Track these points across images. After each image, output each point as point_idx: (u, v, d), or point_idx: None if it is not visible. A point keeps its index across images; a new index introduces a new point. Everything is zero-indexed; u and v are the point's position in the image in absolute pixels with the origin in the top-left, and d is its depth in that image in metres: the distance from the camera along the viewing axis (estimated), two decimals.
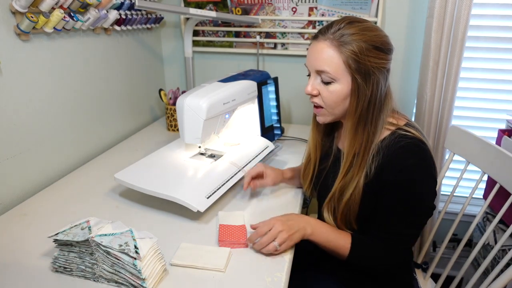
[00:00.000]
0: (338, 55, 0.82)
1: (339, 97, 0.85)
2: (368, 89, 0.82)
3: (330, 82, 0.85)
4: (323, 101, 0.88)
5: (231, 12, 1.64)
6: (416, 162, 0.82)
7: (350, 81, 0.83)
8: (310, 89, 0.88)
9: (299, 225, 0.88)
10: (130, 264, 0.71)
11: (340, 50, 0.81)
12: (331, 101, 0.87)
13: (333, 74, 0.83)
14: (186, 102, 1.05)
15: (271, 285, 0.76)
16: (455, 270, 1.23)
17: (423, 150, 0.83)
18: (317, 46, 0.85)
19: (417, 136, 0.84)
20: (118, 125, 1.51)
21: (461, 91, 1.57)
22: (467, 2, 1.33)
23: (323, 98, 0.87)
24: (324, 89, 0.86)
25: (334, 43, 0.82)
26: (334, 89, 0.85)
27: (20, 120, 1.05)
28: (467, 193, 1.22)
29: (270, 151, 1.28)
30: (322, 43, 0.84)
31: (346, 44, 0.81)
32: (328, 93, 0.86)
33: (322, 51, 0.83)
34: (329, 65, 0.83)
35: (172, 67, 1.84)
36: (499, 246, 1.02)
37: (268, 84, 1.37)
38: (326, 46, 0.83)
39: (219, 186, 1.02)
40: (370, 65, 0.81)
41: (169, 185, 1.00)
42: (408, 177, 0.82)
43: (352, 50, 0.81)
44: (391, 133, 0.86)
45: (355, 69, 0.81)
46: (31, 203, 1.05)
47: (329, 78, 0.84)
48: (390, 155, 0.83)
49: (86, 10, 1.20)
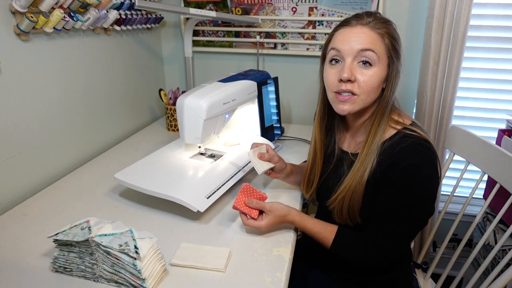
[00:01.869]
0: (381, 38, 0.85)
1: (378, 81, 0.85)
2: (398, 77, 0.87)
3: (371, 65, 0.84)
4: (359, 87, 0.85)
5: (231, 12, 1.64)
6: (420, 162, 0.82)
7: (387, 65, 0.86)
8: (349, 73, 0.83)
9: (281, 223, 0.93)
10: (130, 264, 0.71)
11: (381, 33, 0.85)
12: (369, 86, 0.84)
13: (378, 54, 0.84)
14: (186, 102, 1.05)
15: (271, 285, 0.76)
16: (455, 270, 1.23)
17: (429, 150, 0.83)
18: (356, 29, 0.85)
19: (422, 136, 0.84)
20: (118, 125, 1.51)
21: (461, 91, 1.57)
22: (467, 2, 1.33)
23: (361, 83, 0.84)
24: (363, 73, 0.84)
25: (377, 27, 0.85)
26: (374, 73, 0.84)
27: (20, 120, 1.06)
28: (467, 193, 1.22)
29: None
30: (361, 28, 0.85)
31: (388, 30, 0.86)
32: (368, 77, 0.84)
33: (364, 33, 0.85)
34: (374, 44, 0.84)
35: (172, 67, 1.84)
36: (499, 246, 1.02)
37: (268, 84, 1.37)
38: (367, 30, 0.85)
39: (219, 186, 1.02)
40: (400, 51, 0.87)
41: (169, 185, 1.00)
42: (412, 176, 0.82)
43: (391, 34, 0.86)
44: (397, 132, 0.86)
45: (395, 54, 0.86)
46: (31, 203, 1.05)
47: (374, 58, 0.83)
48: (395, 154, 0.83)
49: (86, 10, 1.20)
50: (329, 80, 0.88)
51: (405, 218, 0.84)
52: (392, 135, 0.86)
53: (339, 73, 0.85)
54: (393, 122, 0.88)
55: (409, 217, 0.84)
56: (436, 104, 1.48)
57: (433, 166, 0.83)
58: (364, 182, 0.86)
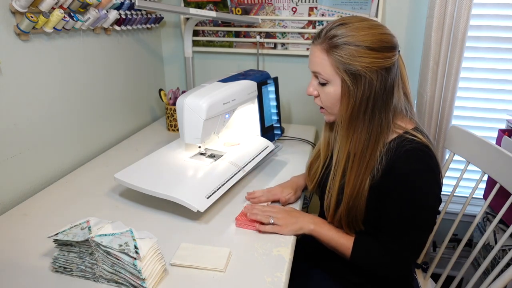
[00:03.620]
0: (327, 58, 0.84)
1: (333, 98, 0.88)
2: (359, 90, 0.83)
3: (325, 84, 0.87)
4: (321, 102, 0.92)
5: (231, 12, 1.64)
6: (419, 167, 0.82)
7: (340, 83, 0.85)
8: (311, 90, 0.92)
9: (302, 220, 0.94)
10: (130, 264, 0.71)
11: (329, 53, 0.84)
12: (327, 102, 0.90)
13: (325, 76, 0.86)
14: (186, 102, 1.05)
15: (271, 285, 0.76)
16: (455, 270, 1.23)
17: (428, 155, 0.83)
18: (312, 49, 0.88)
19: (423, 142, 0.84)
20: (118, 125, 1.51)
21: (461, 91, 1.56)
22: (467, 2, 1.33)
23: (321, 99, 0.91)
24: (321, 90, 0.90)
25: (324, 47, 0.85)
26: (328, 91, 0.88)
27: (20, 120, 1.05)
28: (467, 193, 1.22)
29: (270, 151, 1.28)
30: (315, 47, 0.87)
31: (335, 47, 0.83)
32: (324, 94, 0.89)
33: (315, 54, 0.87)
34: (321, 67, 0.86)
35: (172, 67, 1.84)
36: (499, 246, 1.02)
37: (268, 84, 1.37)
38: (317, 50, 0.86)
39: (219, 186, 1.02)
40: (359, 65, 0.81)
41: (169, 185, 1.00)
42: (411, 182, 0.82)
43: (340, 53, 0.82)
44: (398, 136, 0.86)
45: (343, 71, 0.83)
46: (31, 203, 1.05)
47: (323, 80, 0.87)
48: (395, 159, 0.83)
49: (86, 10, 1.20)
50: None
51: (415, 226, 0.84)
52: (393, 139, 0.86)
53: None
54: (395, 127, 0.88)
55: (418, 224, 0.84)
56: (436, 104, 1.48)
57: (431, 171, 0.83)
58: (366, 191, 0.86)
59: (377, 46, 0.81)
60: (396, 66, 0.85)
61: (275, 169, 1.26)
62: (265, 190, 1.07)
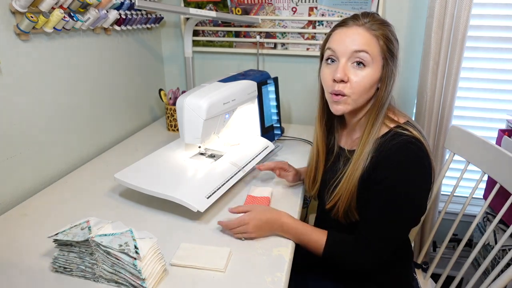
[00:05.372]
0: (376, 39, 0.85)
1: (370, 82, 0.85)
2: (394, 75, 0.87)
3: (364, 66, 0.85)
4: (351, 88, 0.86)
5: (231, 12, 1.64)
6: (408, 159, 0.82)
7: (381, 67, 0.86)
8: (342, 74, 0.84)
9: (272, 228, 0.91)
10: (130, 264, 0.71)
11: (376, 35, 0.85)
12: (361, 87, 0.85)
13: (372, 55, 0.84)
14: (186, 102, 1.05)
15: (271, 285, 0.76)
16: (455, 270, 1.23)
17: (418, 148, 0.83)
18: (352, 30, 0.86)
19: (414, 135, 0.84)
20: (118, 125, 1.51)
21: (461, 91, 1.56)
22: (467, 2, 1.33)
23: (353, 84, 0.85)
24: (356, 73, 0.85)
25: (373, 28, 0.86)
26: (366, 74, 0.85)
27: (20, 120, 1.05)
28: (467, 193, 1.22)
29: (270, 151, 1.28)
30: (356, 28, 0.86)
31: (383, 31, 0.86)
32: (360, 78, 0.85)
33: (359, 34, 0.85)
34: (367, 46, 0.84)
35: (172, 67, 1.84)
36: (499, 246, 1.02)
37: (268, 84, 1.37)
38: (362, 31, 0.85)
39: (219, 186, 1.02)
40: (396, 53, 0.87)
41: (169, 185, 1.00)
42: (398, 174, 0.82)
43: (386, 36, 0.85)
44: (389, 130, 0.87)
45: (389, 55, 0.86)
46: (31, 203, 1.05)
47: (367, 59, 0.84)
48: (385, 151, 0.84)
49: (86, 10, 1.20)
50: (325, 79, 0.89)
51: (394, 218, 0.84)
52: (385, 133, 0.86)
53: (333, 73, 0.86)
54: (387, 120, 0.88)
55: (398, 216, 0.84)
56: (436, 104, 1.48)
57: (421, 164, 0.83)
58: (357, 179, 0.87)
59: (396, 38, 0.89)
60: None
61: None
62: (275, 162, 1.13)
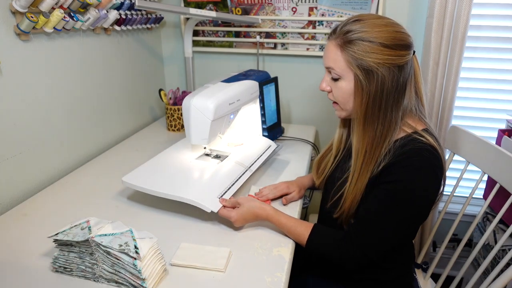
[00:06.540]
0: (341, 53, 0.85)
1: (345, 93, 0.88)
2: (371, 86, 0.83)
3: (338, 79, 0.88)
4: (334, 98, 0.92)
5: (231, 12, 1.64)
6: (420, 165, 0.81)
7: (352, 78, 0.85)
8: (324, 85, 0.93)
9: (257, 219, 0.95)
10: (130, 264, 0.71)
11: (343, 48, 0.84)
12: (340, 97, 0.90)
13: (338, 71, 0.86)
14: (192, 103, 1.04)
15: (271, 285, 0.76)
16: (455, 270, 1.23)
17: (433, 155, 0.82)
18: (327, 44, 0.89)
19: (430, 143, 0.83)
20: (118, 125, 1.51)
21: (461, 91, 1.56)
22: (467, 2, 1.33)
23: (334, 94, 0.92)
24: (334, 85, 0.90)
25: (338, 42, 0.85)
26: (341, 86, 0.88)
27: (20, 120, 1.05)
28: (467, 193, 1.22)
29: (273, 150, 1.28)
30: (330, 42, 0.88)
31: (349, 43, 0.83)
32: (337, 89, 0.90)
33: (329, 49, 0.88)
34: (334, 62, 0.86)
35: (172, 67, 1.84)
36: (499, 246, 1.02)
37: (268, 84, 1.37)
38: (332, 45, 0.87)
39: (229, 186, 1.02)
40: (372, 61, 0.81)
41: (180, 186, 0.99)
42: (407, 177, 0.81)
43: (353, 48, 0.83)
44: (406, 136, 0.86)
45: (356, 66, 0.83)
46: (31, 203, 1.05)
47: (336, 75, 0.87)
48: (398, 156, 0.83)
49: (86, 10, 1.20)
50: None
51: (388, 218, 0.84)
52: (401, 137, 0.86)
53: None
54: (406, 126, 0.88)
55: (393, 218, 0.83)
56: (436, 104, 1.48)
57: (433, 173, 0.82)
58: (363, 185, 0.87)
59: (391, 43, 0.81)
60: (410, 66, 0.85)
61: (275, 169, 1.26)
62: (271, 187, 1.08)
